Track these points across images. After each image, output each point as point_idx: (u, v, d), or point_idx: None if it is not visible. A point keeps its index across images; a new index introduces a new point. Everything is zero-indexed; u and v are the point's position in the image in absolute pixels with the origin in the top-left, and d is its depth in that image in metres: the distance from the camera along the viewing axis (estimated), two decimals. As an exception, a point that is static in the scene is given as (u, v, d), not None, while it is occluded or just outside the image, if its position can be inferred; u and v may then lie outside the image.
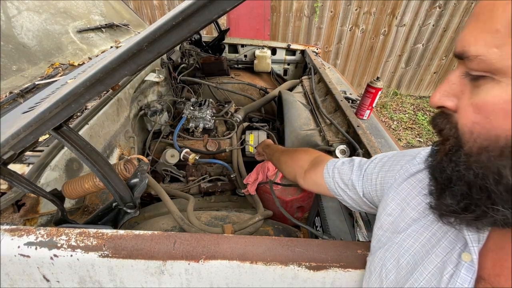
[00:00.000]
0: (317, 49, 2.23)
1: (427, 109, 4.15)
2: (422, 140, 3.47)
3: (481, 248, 0.36)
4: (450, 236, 0.41)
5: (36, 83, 1.01)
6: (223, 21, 3.66)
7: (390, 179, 0.54)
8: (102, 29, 1.52)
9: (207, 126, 1.59)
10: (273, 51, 2.30)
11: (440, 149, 0.37)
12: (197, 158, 1.40)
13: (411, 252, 0.44)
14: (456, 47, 0.31)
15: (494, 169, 0.29)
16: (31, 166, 0.77)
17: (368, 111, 1.27)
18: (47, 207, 0.77)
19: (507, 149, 0.28)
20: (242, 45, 2.29)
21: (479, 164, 0.30)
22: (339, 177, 0.65)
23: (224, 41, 2.22)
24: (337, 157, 1.11)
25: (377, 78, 1.22)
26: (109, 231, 0.62)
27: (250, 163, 1.48)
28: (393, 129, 3.68)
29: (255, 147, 1.32)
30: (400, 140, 3.47)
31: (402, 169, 0.53)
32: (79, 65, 1.21)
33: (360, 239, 0.75)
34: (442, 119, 0.36)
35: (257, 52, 2.22)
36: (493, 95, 0.28)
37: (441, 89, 0.35)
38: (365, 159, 0.66)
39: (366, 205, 0.62)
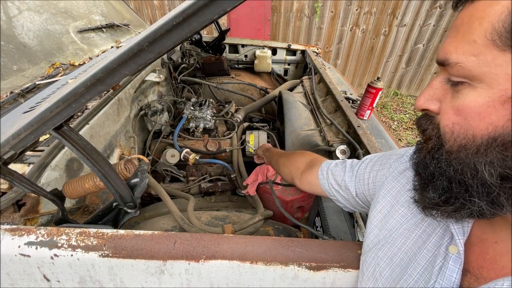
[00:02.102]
0: (317, 49, 2.23)
1: (428, 109, 4.15)
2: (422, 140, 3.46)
3: (466, 242, 0.39)
4: (439, 231, 0.43)
5: (37, 83, 1.01)
6: (223, 21, 3.66)
7: (381, 178, 0.57)
8: (103, 29, 1.53)
9: (207, 126, 1.59)
10: (274, 51, 2.30)
11: (423, 147, 0.40)
12: (198, 158, 1.40)
13: (403, 249, 0.46)
14: (438, 55, 0.35)
15: (471, 165, 0.32)
16: (31, 166, 0.77)
17: (368, 111, 1.27)
18: (47, 206, 0.77)
19: (482, 147, 0.31)
20: (243, 45, 2.29)
21: (458, 161, 0.34)
22: (333, 178, 0.68)
23: (225, 41, 2.22)
24: (337, 158, 1.11)
25: (378, 78, 1.22)
26: (109, 231, 0.62)
27: (250, 163, 1.48)
28: (394, 129, 3.68)
29: (255, 150, 1.32)
30: (401, 140, 3.47)
31: (392, 167, 0.55)
32: (80, 65, 1.21)
33: (361, 239, 0.75)
34: (426, 121, 0.40)
35: (258, 52, 2.22)
36: (470, 100, 0.32)
37: (425, 94, 0.38)
38: (356, 160, 0.69)
39: (359, 205, 0.64)
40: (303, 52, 2.27)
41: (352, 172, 0.65)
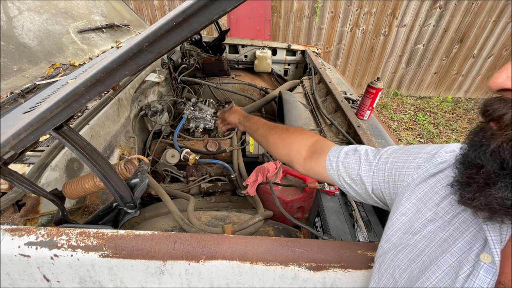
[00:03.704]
0: (317, 50, 2.23)
1: (428, 109, 4.15)
2: (422, 141, 3.46)
3: (501, 252, 0.35)
4: (468, 236, 0.40)
5: (37, 83, 1.01)
6: (223, 21, 3.67)
7: (406, 178, 0.51)
8: (103, 29, 1.53)
9: (207, 126, 1.59)
10: (274, 51, 2.30)
11: (496, 136, 0.33)
12: (198, 158, 1.40)
13: (426, 252, 0.43)
14: None
15: None
16: (31, 166, 0.77)
17: (368, 112, 1.27)
18: (47, 207, 0.77)
19: None
20: (243, 46, 2.29)
21: None
22: (345, 171, 0.62)
23: (225, 42, 2.22)
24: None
25: (378, 78, 1.22)
26: (109, 231, 0.62)
27: (250, 163, 1.48)
28: (394, 130, 3.68)
29: (218, 113, 1.10)
30: (401, 141, 3.47)
31: (421, 168, 0.50)
32: (80, 65, 1.22)
33: (361, 240, 0.75)
34: (502, 104, 0.33)
35: (258, 52, 2.22)
36: None
37: (506, 71, 0.31)
38: (371, 149, 0.62)
39: (373, 200, 0.60)
40: (303, 52, 2.27)
41: (369, 166, 0.59)
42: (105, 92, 1.16)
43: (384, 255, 0.49)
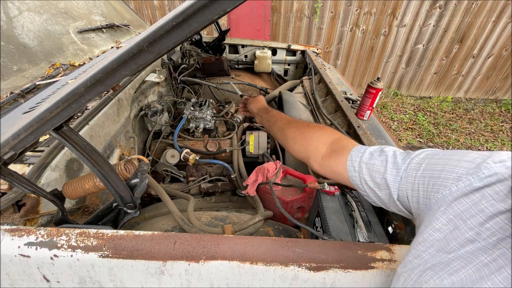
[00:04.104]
0: (317, 50, 2.23)
1: (428, 109, 4.15)
2: (422, 141, 3.46)
3: None
4: None
5: (37, 83, 1.01)
6: (223, 21, 3.67)
7: (442, 189, 0.45)
8: (103, 29, 1.53)
9: (207, 126, 1.59)
10: (274, 51, 2.30)
11: None
12: (198, 158, 1.40)
13: (460, 274, 0.39)
14: None
15: None
16: (31, 166, 0.77)
17: (368, 112, 1.27)
18: (47, 207, 0.77)
19: None
20: (243, 46, 2.29)
21: None
22: (368, 174, 0.57)
23: (225, 42, 2.22)
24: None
25: (378, 78, 1.22)
26: (109, 232, 0.62)
27: (251, 164, 1.48)
28: (394, 130, 3.68)
29: (243, 97, 1.07)
30: (401, 141, 3.47)
31: (462, 181, 0.43)
32: (80, 65, 1.22)
33: (361, 240, 0.75)
34: None
35: (258, 52, 2.22)
36: None
37: None
38: (400, 151, 0.57)
39: (396, 207, 0.55)
40: (303, 52, 2.27)
41: (396, 170, 0.53)
42: (105, 92, 1.16)
43: (411, 271, 0.45)
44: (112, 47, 1.45)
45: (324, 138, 0.71)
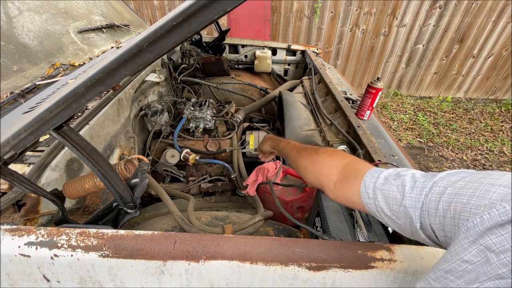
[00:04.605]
0: (317, 50, 2.23)
1: (428, 109, 4.15)
2: (422, 141, 3.46)
3: None
4: None
5: (37, 83, 1.01)
6: (223, 21, 3.67)
7: (472, 217, 0.40)
8: (103, 29, 1.53)
9: (207, 126, 1.59)
10: (274, 51, 2.30)
11: None
12: (198, 158, 1.40)
13: None
14: None
15: None
16: (31, 166, 0.77)
17: (368, 112, 1.27)
18: (47, 207, 0.77)
19: None
20: (243, 46, 2.29)
21: None
22: (384, 201, 0.52)
23: (225, 42, 2.22)
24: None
25: (378, 78, 1.22)
26: (109, 231, 0.62)
27: (250, 164, 1.48)
28: (394, 130, 3.68)
29: (256, 149, 1.17)
30: (401, 141, 3.47)
31: (495, 208, 0.38)
32: (80, 65, 1.22)
33: (361, 240, 0.75)
34: None
35: (258, 52, 2.22)
36: None
37: None
38: (420, 173, 0.51)
39: (420, 237, 0.48)
40: (303, 52, 2.27)
41: (416, 195, 0.47)
42: (105, 92, 1.16)
43: None
44: (112, 47, 1.45)
45: (334, 163, 0.67)
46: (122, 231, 0.62)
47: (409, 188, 0.48)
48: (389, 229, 0.81)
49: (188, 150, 1.42)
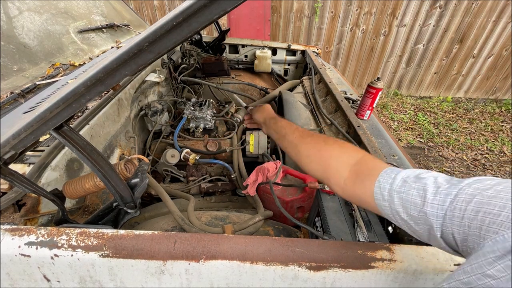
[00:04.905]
0: (317, 50, 2.23)
1: (428, 109, 4.15)
2: (422, 141, 3.46)
3: None
4: None
5: (37, 83, 1.01)
6: (223, 21, 3.67)
7: (502, 229, 0.37)
8: (103, 29, 1.53)
9: (207, 126, 1.59)
10: (274, 51, 2.30)
11: None
12: (198, 158, 1.40)
13: None
14: None
15: None
16: (31, 166, 0.77)
17: (368, 112, 1.27)
18: (47, 207, 0.77)
19: None
20: (243, 46, 2.29)
21: None
22: (401, 204, 0.48)
23: (225, 42, 2.22)
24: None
25: (378, 78, 1.22)
26: (109, 231, 0.62)
27: (251, 163, 1.48)
28: (394, 130, 3.68)
29: (248, 108, 1.05)
30: (401, 141, 3.47)
31: None
32: (80, 65, 1.22)
33: (361, 240, 0.75)
34: None
35: (258, 52, 2.22)
36: None
37: None
38: (443, 177, 0.46)
39: (438, 244, 0.45)
40: (303, 52, 2.27)
41: (439, 202, 0.43)
42: (105, 92, 1.16)
43: None
44: (112, 47, 1.45)
45: (345, 158, 0.62)
46: (122, 231, 0.62)
47: (431, 193, 0.44)
48: (389, 229, 0.81)
49: (188, 150, 1.42)
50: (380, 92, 1.21)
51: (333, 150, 0.65)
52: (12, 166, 0.70)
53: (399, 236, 0.79)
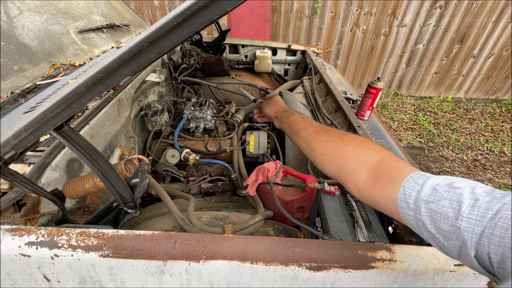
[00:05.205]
0: (317, 50, 2.23)
1: (428, 109, 4.15)
2: (422, 141, 3.46)
3: None
4: None
5: (37, 83, 1.01)
6: (223, 21, 3.67)
7: None
8: (103, 29, 1.53)
9: (207, 126, 1.59)
10: (274, 51, 2.30)
11: None
12: (198, 158, 1.40)
13: None
14: None
15: None
16: (32, 166, 0.77)
17: (368, 112, 1.27)
18: (48, 207, 0.77)
19: None
20: (243, 46, 2.30)
21: None
22: (429, 216, 0.42)
23: (225, 42, 2.22)
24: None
25: (378, 78, 1.22)
26: (109, 231, 0.62)
27: (251, 163, 1.48)
28: (394, 130, 3.68)
29: (257, 101, 0.98)
30: (401, 141, 3.47)
31: None
32: (80, 65, 1.22)
33: (361, 240, 0.75)
34: None
35: (258, 52, 2.22)
36: None
37: None
38: (482, 189, 0.40)
39: (470, 264, 0.39)
40: (303, 52, 2.27)
41: (478, 217, 0.37)
42: (106, 92, 1.16)
43: None
44: (112, 47, 1.45)
45: (365, 158, 0.56)
46: (122, 231, 0.62)
47: (468, 206, 0.38)
48: (389, 229, 0.81)
49: (188, 150, 1.42)
50: (380, 92, 1.21)
51: (352, 149, 0.59)
52: (12, 166, 0.70)
53: (399, 236, 0.79)
